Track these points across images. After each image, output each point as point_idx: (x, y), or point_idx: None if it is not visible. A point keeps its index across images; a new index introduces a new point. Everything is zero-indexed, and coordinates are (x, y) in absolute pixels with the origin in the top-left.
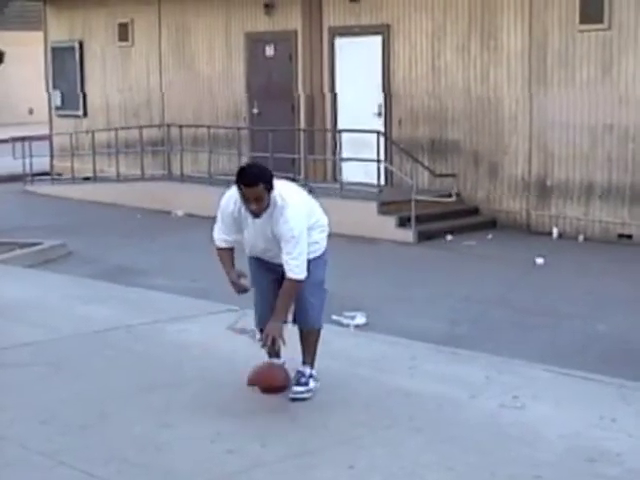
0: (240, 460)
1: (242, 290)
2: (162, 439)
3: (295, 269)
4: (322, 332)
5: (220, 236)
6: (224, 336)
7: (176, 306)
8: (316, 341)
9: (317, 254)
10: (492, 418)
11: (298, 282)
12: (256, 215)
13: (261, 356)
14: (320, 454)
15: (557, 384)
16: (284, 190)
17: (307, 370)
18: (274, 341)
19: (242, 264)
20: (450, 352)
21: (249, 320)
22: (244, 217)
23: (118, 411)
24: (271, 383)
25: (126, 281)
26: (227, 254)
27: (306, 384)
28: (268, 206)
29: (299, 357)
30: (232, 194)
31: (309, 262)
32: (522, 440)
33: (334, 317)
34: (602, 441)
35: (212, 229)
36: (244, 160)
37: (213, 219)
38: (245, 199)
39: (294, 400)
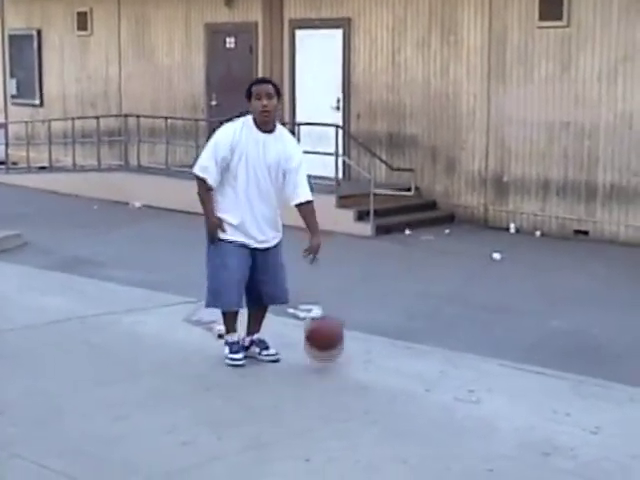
0: (196, 453)
1: (218, 232)
2: (117, 431)
3: (308, 192)
4: (278, 326)
5: (210, 166)
6: (180, 328)
7: (132, 298)
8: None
9: (281, 236)
10: (447, 411)
11: (311, 202)
12: (266, 124)
13: (216, 346)
14: (276, 447)
15: (512, 379)
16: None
17: (262, 336)
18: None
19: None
20: (405, 346)
21: (205, 312)
22: (245, 144)
23: (73, 403)
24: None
25: (82, 272)
26: (210, 194)
27: (270, 347)
28: (275, 127)
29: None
30: (233, 125)
31: (278, 245)
32: (476, 433)
33: (290, 310)
34: (556, 435)
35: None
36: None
37: (171, 211)
38: (257, 96)
39: (275, 362)
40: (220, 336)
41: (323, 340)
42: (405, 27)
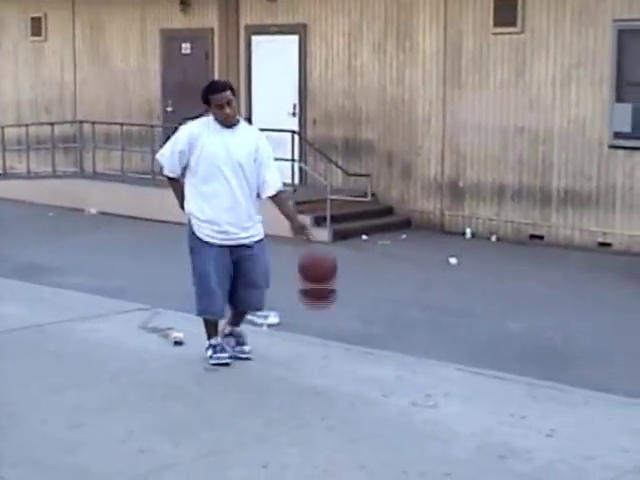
0: (152, 460)
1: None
2: (73, 439)
3: (279, 183)
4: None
5: (167, 155)
6: (136, 335)
7: (88, 305)
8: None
9: (263, 234)
10: (405, 416)
11: (282, 191)
12: (230, 123)
13: (173, 353)
14: (233, 454)
15: (469, 383)
16: None
17: (243, 331)
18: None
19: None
20: (363, 352)
21: (161, 319)
22: (207, 139)
23: (28, 411)
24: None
25: (38, 280)
26: (179, 185)
27: (247, 343)
28: (238, 121)
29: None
30: (195, 122)
31: (259, 243)
32: (434, 438)
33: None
34: (513, 438)
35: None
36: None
37: (127, 217)
38: (218, 107)
39: (249, 359)
40: (177, 343)
41: (315, 273)
42: (361, 33)
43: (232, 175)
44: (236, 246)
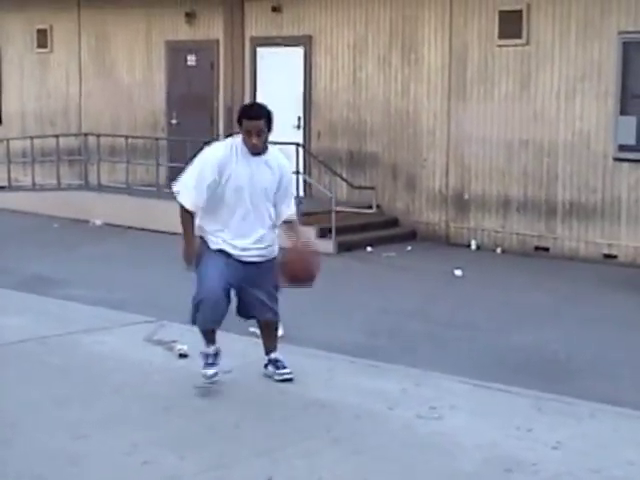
0: (157, 472)
1: (192, 261)
2: (77, 452)
3: (292, 210)
4: (240, 344)
5: (191, 189)
6: (141, 348)
7: (93, 317)
8: (277, 329)
9: (276, 252)
10: (410, 429)
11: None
12: (256, 152)
13: (177, 366)
14: (238, 466)
15: (474, 395)
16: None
17: (279, 355)
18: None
19: None
20: (367, 364)
21: (166, 331)
22: (235, 166)
23: (32, 424)
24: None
25: (42, 292)
26: (192, 220)
27: (286, 366)
28: (266, 148)
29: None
30: (222, 145)
31: (272, 261)
32: (439, 450)
33: (251, 329)
34: (518, 451)
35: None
36: (162, 171)
37: (132, 229)
38: (247, 133)
39: (285, 381)
40: (181, 355)
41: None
42: (366, 45)
43: (253, 202)
44: (247, 263)
